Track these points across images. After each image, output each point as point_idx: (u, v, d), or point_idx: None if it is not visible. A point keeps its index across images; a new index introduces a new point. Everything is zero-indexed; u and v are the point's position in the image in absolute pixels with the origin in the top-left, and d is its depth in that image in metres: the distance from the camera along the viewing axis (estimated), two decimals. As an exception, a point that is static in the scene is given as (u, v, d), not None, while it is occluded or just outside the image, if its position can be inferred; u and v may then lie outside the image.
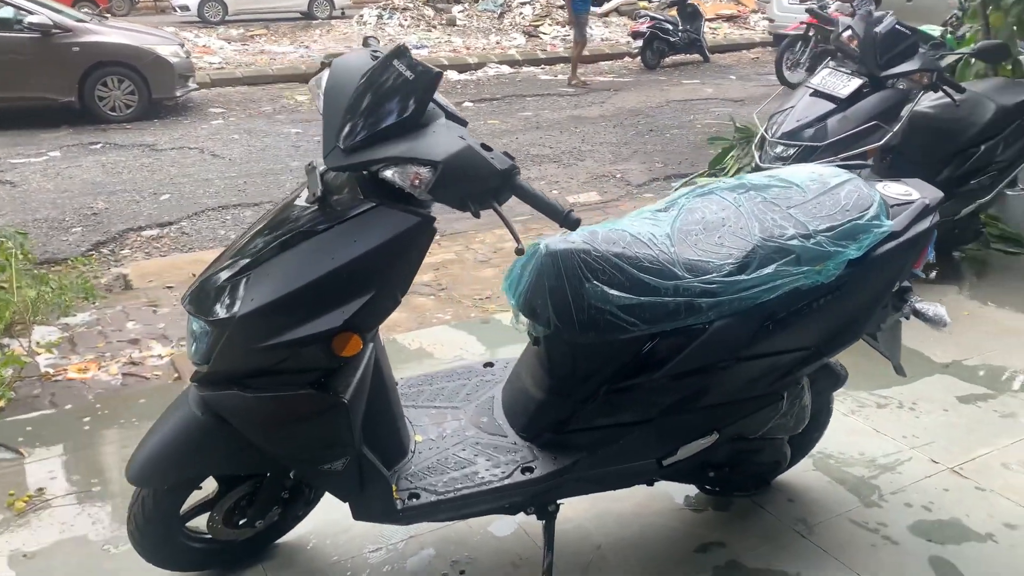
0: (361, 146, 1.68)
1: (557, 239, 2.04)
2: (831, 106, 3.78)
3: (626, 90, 11.18)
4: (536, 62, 13.19)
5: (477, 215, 1.70)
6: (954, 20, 7.77)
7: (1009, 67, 5.02)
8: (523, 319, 2.11)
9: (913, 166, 3.59)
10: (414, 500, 2.00)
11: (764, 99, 10.13)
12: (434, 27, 16.76)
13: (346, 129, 1.69)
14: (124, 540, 2.35)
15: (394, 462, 2.06)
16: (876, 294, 2.09)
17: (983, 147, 4.02)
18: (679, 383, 2.03)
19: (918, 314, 2.21)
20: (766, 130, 3.92)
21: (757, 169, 3.85)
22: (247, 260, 1.77)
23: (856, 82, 3.76)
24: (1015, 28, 4.93)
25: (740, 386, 2.07)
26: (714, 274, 1.95)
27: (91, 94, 9.03)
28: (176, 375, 3.52)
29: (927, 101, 3.97)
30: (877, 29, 3.75)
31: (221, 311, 1.75)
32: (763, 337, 2.00)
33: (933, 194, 2.20)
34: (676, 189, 6.38)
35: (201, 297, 1.81)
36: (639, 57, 13.14)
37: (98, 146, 8.13)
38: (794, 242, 1.97)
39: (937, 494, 2.57)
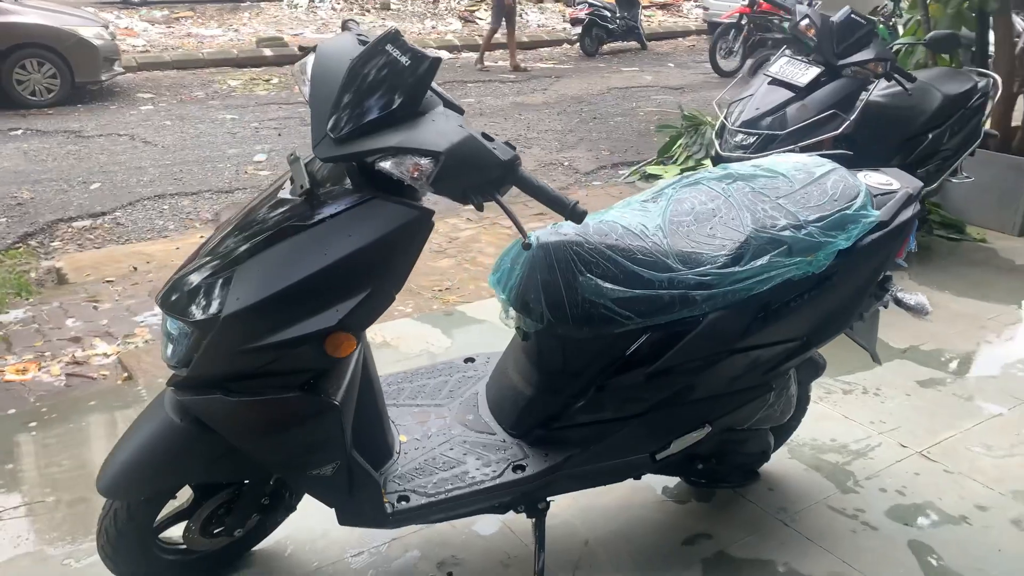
0: (354, 136, 1.59)
1: (548, 231, 1.99)
2: (790, 94, 3.81)
3: (567, 77, 11.15)
4: (475, 47, 13.01)
5: (480, 208, 1.63)
6: (885, 10, 8.00)
7: (946, 56, 5.18)
8: (512, 314, 2.06)
9: (864, 155, 3.65)
10: (404, 503, 1.92)
11: (703, 87, 10.29)
12: (368, 11, 16.43)
13: (336, 118, 1.60)
14: (86, 553, 2.23)
15: (380, 464, 1.98)
16: (863, 283, 2.10)
17: (930, 135, 4.11)
18: (672, 377, 2.00)
19: (900, 303, 2.24)
20: (726, 118, 3.93)
21: (717, 157, 3.86)
22: (230, 256, 1.65)
23: (814, 71, 3.80)
24: (953, 19, 5.07)
25: (732, 378, 2.05)
26: (708, 266, 1.93)
27: (8, 78, 8.54)
28: (125, 374, 3.34)
29: (878, 90, 4.03)
30: (834, 19, 3.80)
31: (203, 311, 1.63)
32: (756, 329, 1.98)
33: (914, 184, 2.22)
34: (625, 177, 6.41)
35: (178, 296, 1.68)
36: (578, 44, 13.13)
37: (19, 132, 7.70)
38: (786, 233, 1.95)
39: (909, 478, 2.62)
